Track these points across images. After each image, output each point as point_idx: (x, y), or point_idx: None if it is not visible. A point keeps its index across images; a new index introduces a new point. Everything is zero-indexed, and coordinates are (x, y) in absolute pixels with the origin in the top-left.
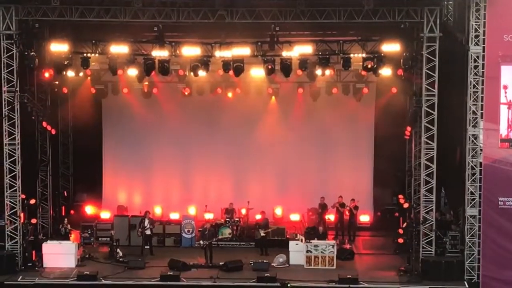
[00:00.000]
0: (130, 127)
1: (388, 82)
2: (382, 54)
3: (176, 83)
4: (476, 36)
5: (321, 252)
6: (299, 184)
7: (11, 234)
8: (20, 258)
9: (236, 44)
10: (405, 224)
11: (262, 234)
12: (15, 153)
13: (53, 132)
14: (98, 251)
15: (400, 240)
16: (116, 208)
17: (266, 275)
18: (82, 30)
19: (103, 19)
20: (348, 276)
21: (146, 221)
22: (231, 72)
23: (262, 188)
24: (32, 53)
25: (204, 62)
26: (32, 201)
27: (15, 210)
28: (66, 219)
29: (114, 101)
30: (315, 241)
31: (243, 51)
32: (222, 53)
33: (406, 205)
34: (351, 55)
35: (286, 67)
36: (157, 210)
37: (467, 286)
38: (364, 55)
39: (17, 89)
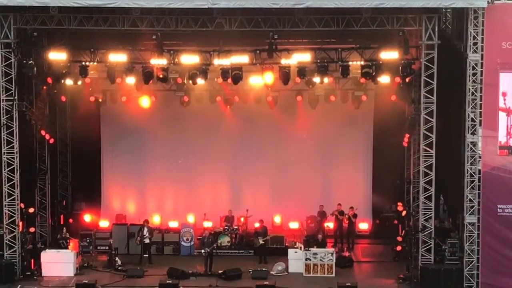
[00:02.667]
0: (129, 135)
1: (387, 90)
2: (381, 62)
3: (174, 91)
4: (475, 44)
5: (320, 260)
6: (298, 192)
7: (10, 243)
8: (19, 267)
9: (235, 52)
10: (403, 232)
11: (261, 242)
12: (13, 162)
13: (51, 141)
14: (96, 260)
15: (398, 248)
16: (114, 216)
17: (265, 283)
18: (80, 39)
19: (101, 28)
20: (347, 284)
21: (145, 230)
22: (229, 80)
23: (261, 196)
24: (31, 61)
25: (203, 70)
26: (31, 210)
27: (13, 218)
28: (64, 228)
29: (112, 110)
30: (314, 249)
31: (241, 59)
32: (221, 61)
33: (404, 213)
34: (350, 63)
35: (285, 75)
36: (156, 219)
37: None
38: (362, 62)
39: (16, 97)
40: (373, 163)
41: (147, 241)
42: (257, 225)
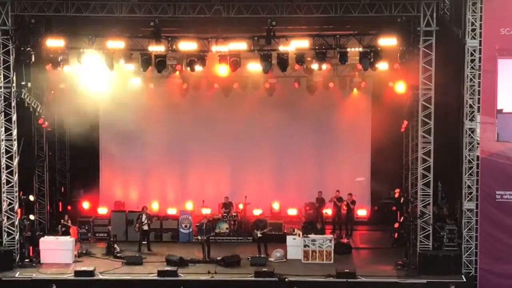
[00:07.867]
0: (127, 122)
1: (385, 76)
2: (379, 48)
3: (172, 78)
4: (473, 30)
5: (319, 246)
6: (296, 178)
7: (8, 230)
8: (17, 254)
9: (233, 38)
10: (401, 219)
11: (259, 235)
12: (12, 149)
13: (49, 128)
14: (95, 247)
15: (396, 234)
16: (113, 203)
17: (263, 270)
18: (78, 26)
19: (99, 14)
20: (345, 270)
21: (144, 217)
22: (227, 67)
23: (259, 183)
24: (28, 48)
25: (201, 57)
26: (32, 198)
27: (12, 206)
28: (66, 215)
29: (111, 97)
30: (312, 236)
31: (239, 45)
32: (219, 48)
33: (403, 199)
34: (348, 49)
35: (283, 62)
36: (155, 205)
37: (464, 279)
38: (361, 49)
39: (14, 85)
40: (371, 150)
41: (145, 228)
42: (256, 212)
